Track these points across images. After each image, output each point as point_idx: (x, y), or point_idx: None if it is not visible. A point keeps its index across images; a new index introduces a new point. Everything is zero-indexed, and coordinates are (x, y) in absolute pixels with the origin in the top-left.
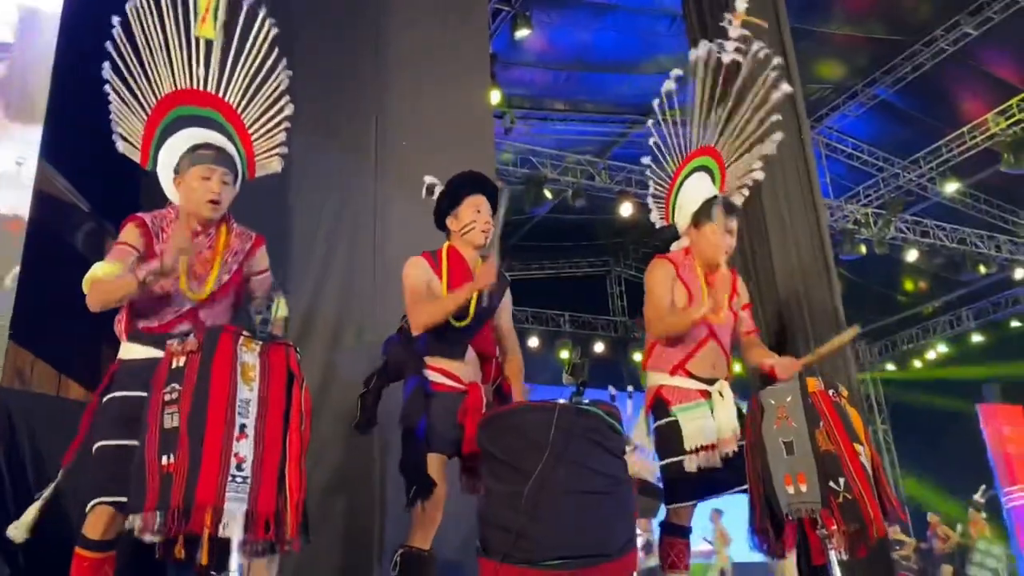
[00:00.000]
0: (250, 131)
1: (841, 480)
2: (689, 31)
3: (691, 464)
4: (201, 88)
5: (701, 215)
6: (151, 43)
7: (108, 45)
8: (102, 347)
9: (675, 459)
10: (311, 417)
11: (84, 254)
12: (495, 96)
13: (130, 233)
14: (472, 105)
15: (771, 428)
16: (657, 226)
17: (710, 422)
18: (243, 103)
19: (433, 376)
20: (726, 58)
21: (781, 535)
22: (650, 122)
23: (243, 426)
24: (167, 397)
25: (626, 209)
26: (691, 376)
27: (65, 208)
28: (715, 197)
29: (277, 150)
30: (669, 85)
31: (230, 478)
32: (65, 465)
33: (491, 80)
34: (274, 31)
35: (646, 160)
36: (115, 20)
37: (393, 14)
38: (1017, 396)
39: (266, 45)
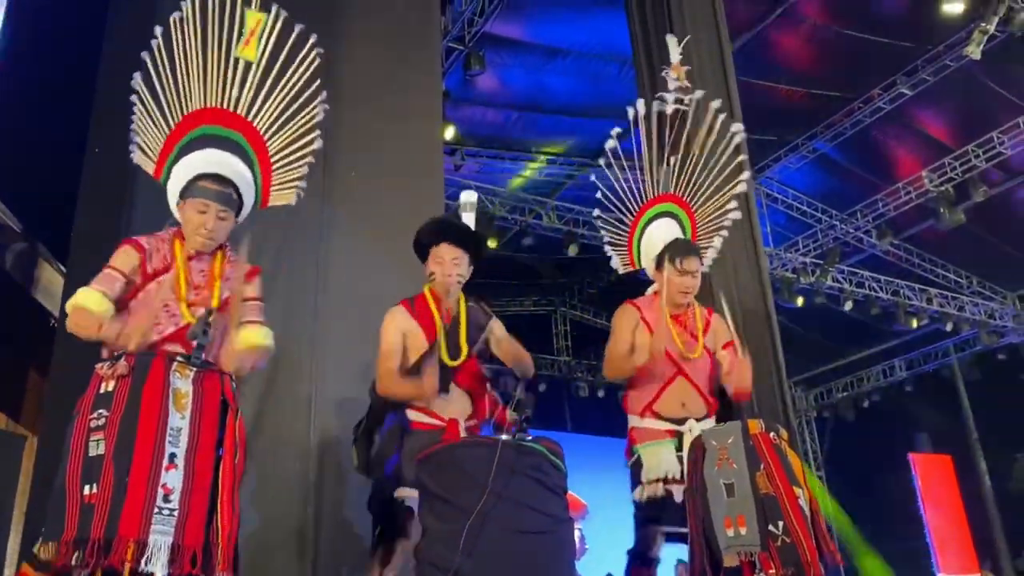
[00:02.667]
0: (273, 160)
1: (780, 523)
2: (638, 78)
3: (641, 494)
4: (232, 109)
5: (662, 258)
6: (188, 57)
7: (144, 55)
8: (28, 374)
9: (635, 490)
10: (245, 449)
11: (12, 276)
12: (447, 132)
13: (122, 257)
14: (423, 140)
15: (712, 469)
16: (620, 272)
17: (671, 457)
18: (272, 130)
19: (413, 415)
20: (668, 109)
21: None
22: (592, 177)
23: (173, 455)
24: (93, 423)
25: (573, 250)
26: (659, 417)
27: None
28: (675, 240)
29: (296, 183)
30: (612, 143)
31: (156, 510)
32: None
33: (443, 117)
34: (318, 61)
35: (596, 212)
36: (156, 31)
37: (346, 44)
38: (947, 446)
39: (308, 73)
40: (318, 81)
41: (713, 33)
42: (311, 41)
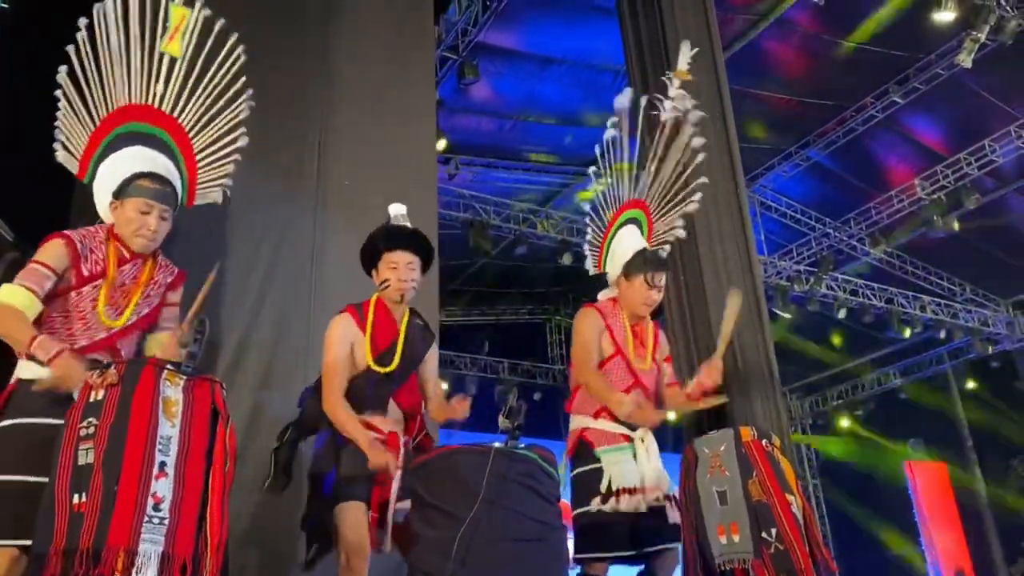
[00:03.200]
0: (198, 157)
1: (773, 530)
2: (632, 87)
3: (607, 505)
4: (157, 105)
5: (632, 267)
6: (112, 52)
7: (68, 48)
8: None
9: (592, 508)
10: (236, 458)
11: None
12: (441, 142)
13: (53, 252)
14: (416, 148)
15: (705, 477)
16: (591, 272)
17: (633, 466)
18: (197, 127)
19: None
20: (664, 116)
21: None
22: (591, 170)
23: (163, 464)
24: (82, 432)
25: (567, 258)
26: (615, 420)
27: None
28: (644, 250)
29: (221, 180)
30: (610, 133)
31: (146, 519)
32: None
33: (436, 125)
34: (243, 58)
35: (587, 207)
36: (81, 22)
37: (340, 56)
38: (942, 452)
39: (232, 71)
40: (243, 78)
41: (706, 42)
42: (233, 38)
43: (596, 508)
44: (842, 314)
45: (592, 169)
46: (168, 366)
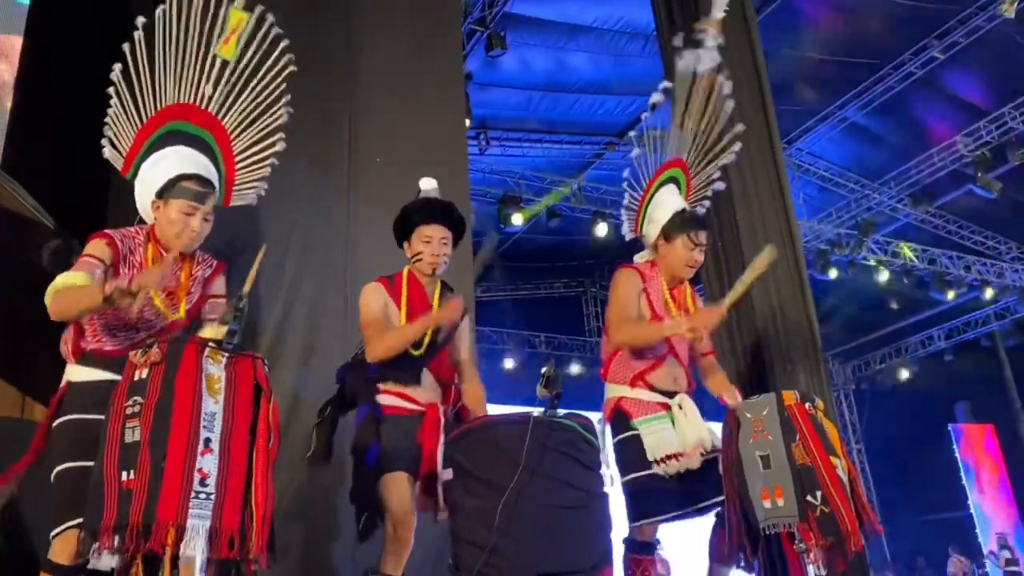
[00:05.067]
0: (237, 159)
1: (818, 493)
2: (663, 53)
3: (658, 469)
4: (204, 107)
5: (672, 228)
6: (167, 52)
7: (125, 46)
8: (65, 368)
9: (639, 473)
10: (279, 434)
11: (50, 274)
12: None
13: (98, 247)
14: (446, 124)
15: (747, 442)
16: (627, 237)
17: (670, 434)
18: (239, 129)
19: (387, 400)
20: (701, 68)
21: (758, 550)
22: (632, 133)
23: (208, 440)
24: (128, 411)
25: (601, 230)
26: (651, 388)
27: (29, 226)
28: (683, 210)
29: (258, 183)
30: (656, 97)
31: (193, 494)
32: (5, 482)
33: (465, 100)
34: (291, 68)
35: (625, 173)
36: (139, 21)
37: (367, 32)
38: (988, 415)
39: (279, 78)
40: (284, 85)
41: (738, 2)
42: (283, 44)
43: (644, 472)
44: (884, 277)
45: (632, 133)
46: (210, 344)
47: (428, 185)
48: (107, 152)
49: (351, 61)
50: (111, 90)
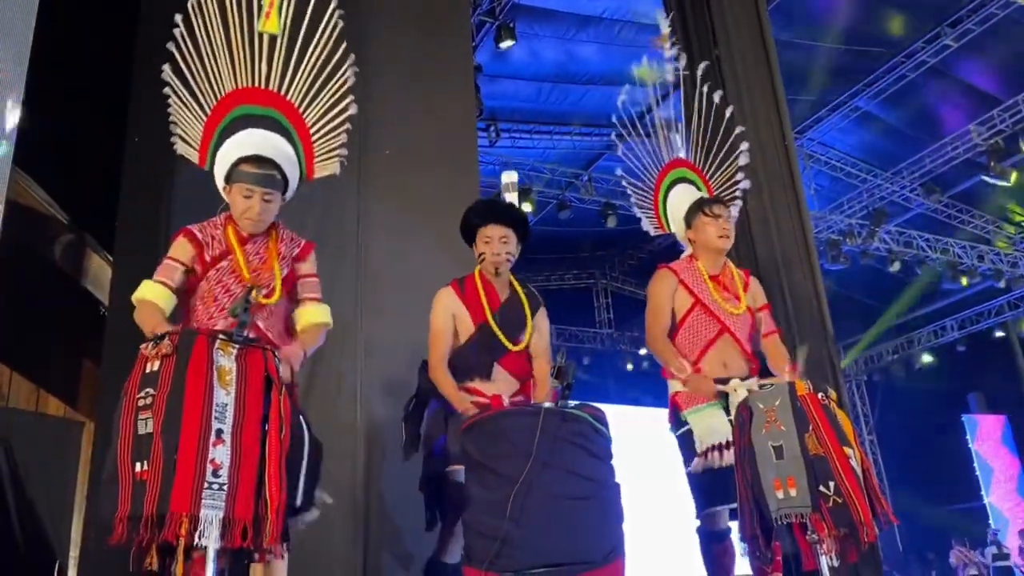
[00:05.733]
0: (311, 131)
1: (831, 484)
2: (672, 42)
3: (698, 466)
4: (263, 86)
5: (691, 213)
6: (213, 40)
7: (170, 45)
8: (82, 362)
9: (692, 465)
10: (291, 424)
11: (62, 267)
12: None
13: (180, 248)
14: (456, 116)
15: (760, 432)
16: (652, 234)
17: (721, 421)
18: (306, 101)
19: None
20: (669, 76)
21: (771, 541)
22: (614, 135)
23: (220, 431)
24: (141, 402)
25: (612, 222)
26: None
27: (42, 220)
28: (700, 199)
29: (337, 151)
30: (622, 97)
31: (206, 485)
32: None
33: (476, 92)
34: (341, 24)
35: (619, 171)
36: (177, 18)
37: (376, 24)
38: (1001, 406)
39: (332, 39)
40: (344, 45)
41: None
42: (332, 5)
43: (698, 464)
44: (896, 267)
45: (614, 135)
46: (221, 335)
47: (508, 179)
48: (179, 148)
49: (360, 53)
50: (167, 89)
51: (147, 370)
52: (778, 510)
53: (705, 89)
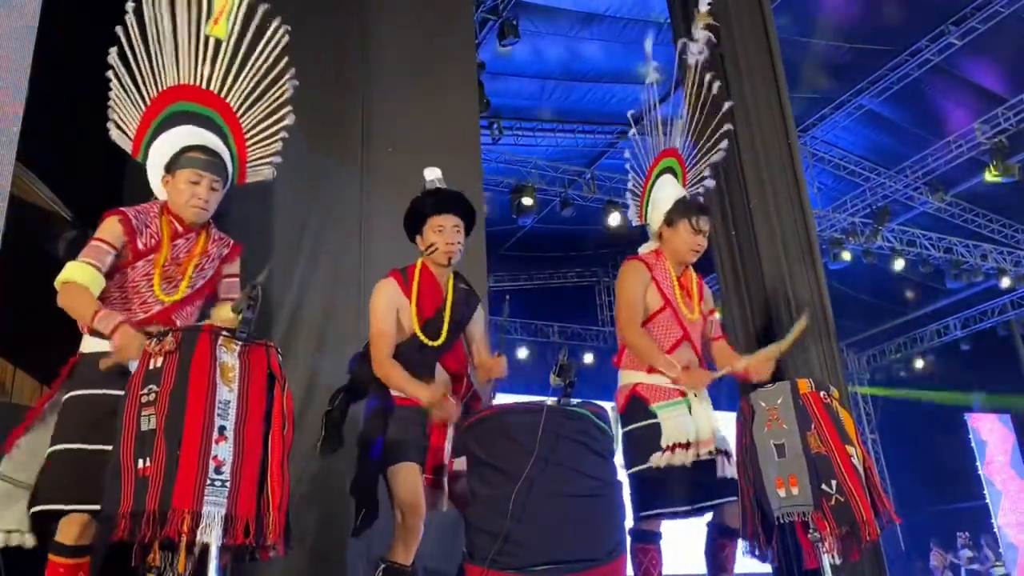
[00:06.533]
0: (247, 135)
1: (833, 482)
2: (676, 39)
3: (661, 460)
4: (204, 86)
5: (675, 214)
6: (161, 34)
7: (118, 30)
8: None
9: (651, 462)
10: (294, 421)
11: (66, 263)
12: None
13: (110, 229)
14: (459, 113)
15: (762, 430)
16: (634, 223)
17: (688, 420)
18: (244, 106)
19: (397, 392)
20: (691, 60)
21: (772, 539)
22: (631, 113)
23: (222, 428)
24: (144, 399)
25: (614, 219)
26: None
27: (46, 216)
28: (684, 197)
29: (271, 158)
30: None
31: (208, 482)
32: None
33: (480, 89)
34: (286, 39)
35: (627, 154)
36: (129, 6)
37: (379, 21)
38: (1005, 405)
39: (276, 52)
40: (286, 59)
41: None
42: (276, 21)
43: (653, 464)
44: (899, 265)
45: (631, 126)
46: (223, 332)
47: (433, 175)
48: (114, 134)
49: (364, 51)
50: (110, 73)
51: (150, 367)
52: (780, 508)
53: (707, 78)
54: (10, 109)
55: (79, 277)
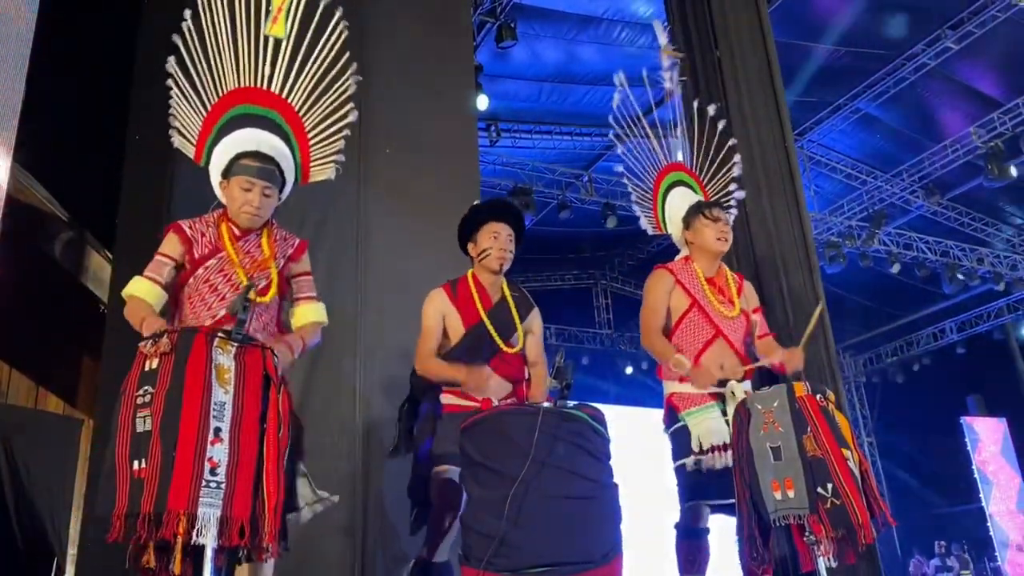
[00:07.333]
0: (309, 135)
1: (829, 485)
2: (673, 42)
3: (692, 463)
4: (266, 87)
5: (689, 216)
6: (219, 38)
7: (175, 37)
8: (81, 359)
9: (684, 460)
10: (289, 423)
11: (62, 264)
12: (481, 104)
13: (170, 244)
14: (457, 116)
15: (758, 433)
16: (650, 233)
17: (719, 423)
18: (306, 106)
19: (447, 399)
20: (667, 86)
21: (768, 542)
22: (611, 134)
23: (218, 430)
24: (139, 400)
25: (611, 222)
26: None
27: (43, 217)
28: (699, 202)
29: (334, 157)
30: (617, 99)
31: (204, 483)
32: None
33: (476, 91)
34: (346, 33)
35: (619, 168)
36: (186, 14)
37: (377, 22)
38: (1001, 409)
39: (337, 47)
40: (347, 54)
41: None
42: (337, 14)
43: (692, 461)
44: (896, 269)
45: (612, 134)
46: (219, 334)
47: None
48: (176, 141)
49: (362, 52)
50: (169, 81)
51: (146, 368)
52: (776, 511)
53: (696, 104)
54: (8, 110)
55: (136, 291)
